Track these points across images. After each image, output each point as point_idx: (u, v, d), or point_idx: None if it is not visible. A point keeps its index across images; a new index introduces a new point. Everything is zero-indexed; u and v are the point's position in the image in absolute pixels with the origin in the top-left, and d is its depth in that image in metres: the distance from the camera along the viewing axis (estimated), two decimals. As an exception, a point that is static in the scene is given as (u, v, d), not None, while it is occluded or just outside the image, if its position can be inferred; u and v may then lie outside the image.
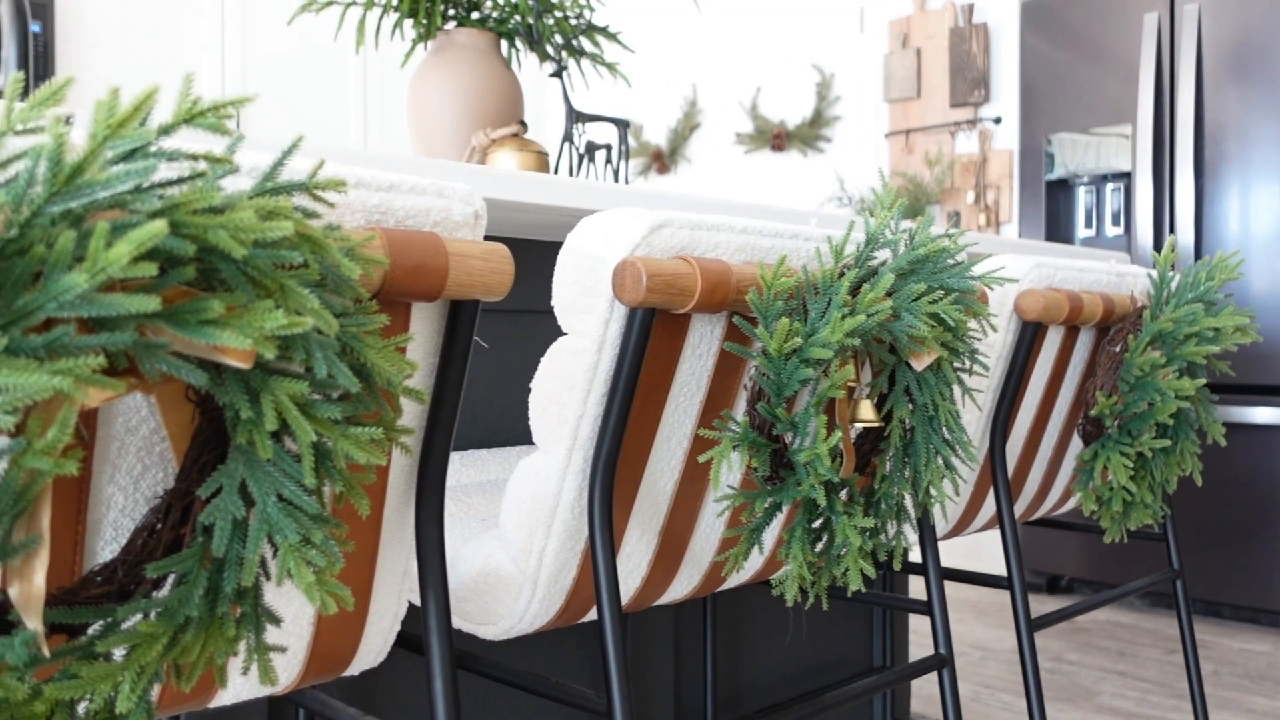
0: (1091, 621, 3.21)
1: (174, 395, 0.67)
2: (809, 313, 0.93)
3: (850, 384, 1.04)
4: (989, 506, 1.57)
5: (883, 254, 1.05)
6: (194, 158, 0.55)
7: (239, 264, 0.56)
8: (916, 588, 3.54)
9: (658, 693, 1.69)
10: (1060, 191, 3.61)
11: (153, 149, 0.53)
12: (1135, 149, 3.32)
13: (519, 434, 1.63)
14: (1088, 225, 3.57)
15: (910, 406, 1.06)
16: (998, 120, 4.07)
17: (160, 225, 0.49)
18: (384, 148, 4.62)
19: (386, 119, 4.64)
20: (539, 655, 1.53)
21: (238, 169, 0.59)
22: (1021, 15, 3.56)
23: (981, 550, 4.00)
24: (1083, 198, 3.58)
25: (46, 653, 0.57)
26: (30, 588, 0.56)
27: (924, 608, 1.32)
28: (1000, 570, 3.95)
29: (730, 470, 1.07)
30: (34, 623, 0.56)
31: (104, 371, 0.56)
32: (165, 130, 0.53)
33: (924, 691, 2.57)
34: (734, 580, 1.19)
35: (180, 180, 0.55)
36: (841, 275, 0.96)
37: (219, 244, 0.54)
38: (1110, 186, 3.50)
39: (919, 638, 3.01)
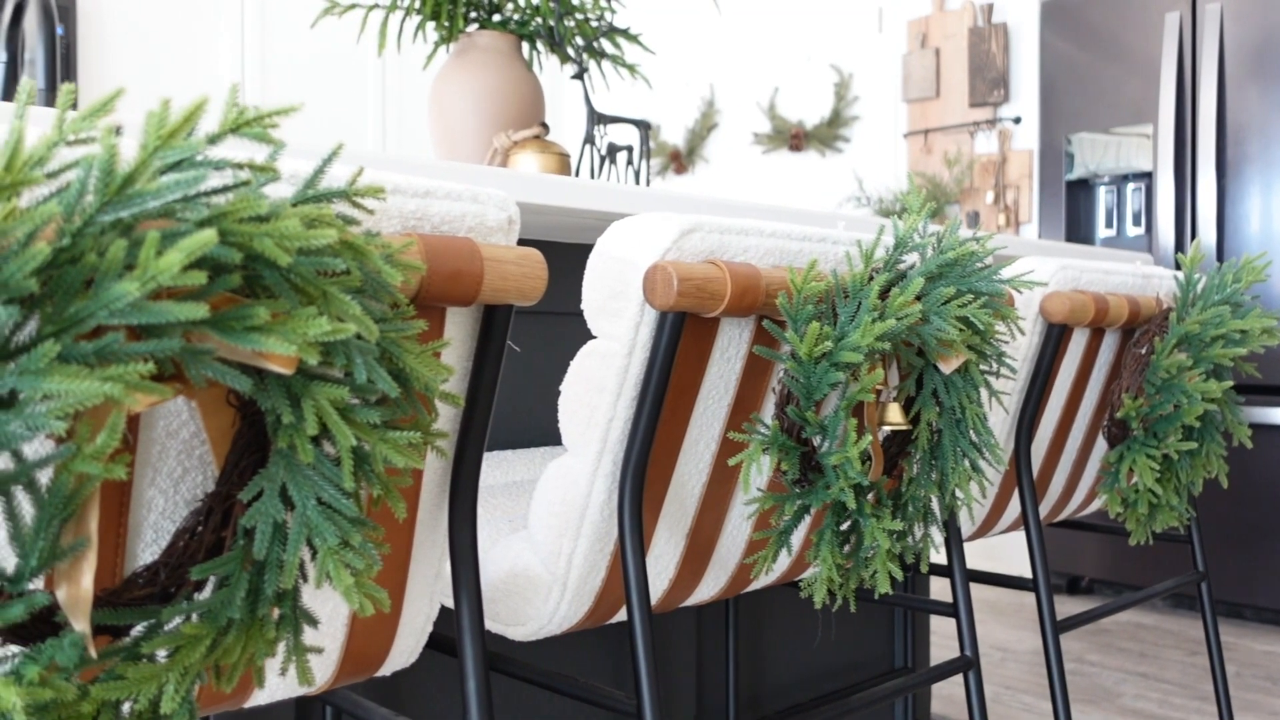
0: (1112, 623, 3.20)
1: (215, 400, 0.68)
2: (838, 316, 0.94)
3: (878, 387, 1.04)
4: (1013, 509, 1.57)
5: (910, 257, 1.05)
6: (239, 166, 0.56)
7: (283, 271, 0.57)
8: (937, 588, 3.54)
9: (680, 693, 1.69)
10: (1080, 191, 3.59)
11: (199, 158, 0.54)
12: (1156, 149, 3.31)
13: (541, 435, 1.63)
14: (1108, 225, 3.55)
15: (937, 409, 1.07)
16: (1017, 120, 4.06)
17: (210, 234, 0.49)
18: (401, 150, 4.64)
19: (404, 121, 4.66)
20: (553, 653, 1.54)
21: (280, 176, 0.60)
22: (1041, 15, 3.55)
23: (1000, 551, 3.99)
24: (1103, 198, 3.56)
25: (94, 654, 0.58)
26: (78, 590, 0.57)
27: (949, 609, 1.32)
28: (1018, 571, 3.93)
29: (760, 473, 1.07)
30: (81, 624, 0.57)
31: (150, 377, 0.56)
32: (212, 140, 0.53)
33: (944, 692, 2.57)
34: (760, 582, 1.19)
35: (225, 188, 0.56)
36: (871, 279, 0.96)
37: (264, 251, 0.55)
38: (1131, 186, 3.49)
39: (938, 638, 3.01)
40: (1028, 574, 3.91)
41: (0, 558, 0.64)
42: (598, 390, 0.94)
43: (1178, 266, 3.27)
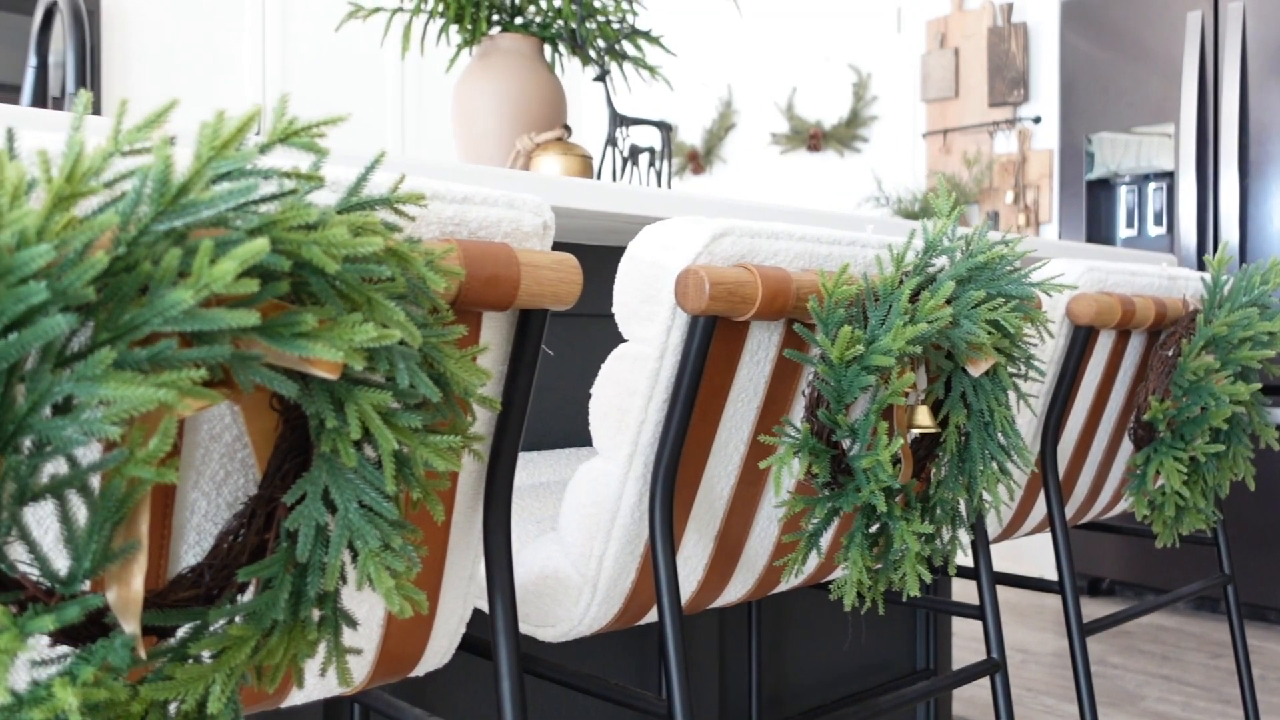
0: (1135, 625, 3.19)
1: (258, 404, 0.69)
2: (868, 320, 0.94)
3: (907, 390, 1.04)
4: (1038, 511, 1.57)
5: (939, 260, 1.06)
6: (287, 175, 0.57)
7: (329, 278, 0.58)
8: (958, 590, 3.53)
9: (703, 693, 1.70)
10: (1101, 191, 3.58)
11: (249, 167, 0.55)
12: (1178, 148, 3.29)
13: (565, 436, 1.64)
14: (1129, 225, 3.54)
15: (966, 412, 1.07)
16: (1037, 120, 4.05)
17: (262, 243, 0.50)
18: (421, 152, 4.66)
19: (423, 123, 4.68)
20: (575, 653, 1.54)
21: (324, 184, 0.61)
22: (1061, 14, 3.54)
23: (1021, 553, 3.98)
24: (1124, 197, 3.55)
25: (143, 655, 0.59)
26: (128, 592, 0.58)
27: (975, 612, 1.32)
28: (1036, 572, 3.92)
29: (790, 476, 1.07)
30: (132, 626, 0.58)
31: (200, 382, 0.57)
32: (262, 150, 0.54)
33: (965, 693, 2.57)
34: (786, 583, 1.20)
35: (273, 197, 0.57)
36: (901, 282, 0.96)
37: (313, 259, 0.55)
38: (1152, 186, 3.48)
39: (960, 639, 3.00)
40: (1046, 575, 3.90)
41: (50, 560, 0.65)
42: (629, 393, 0.95)
43: (1201, 267, 3.25)
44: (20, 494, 0.53)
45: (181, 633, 0.66)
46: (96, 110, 3.71)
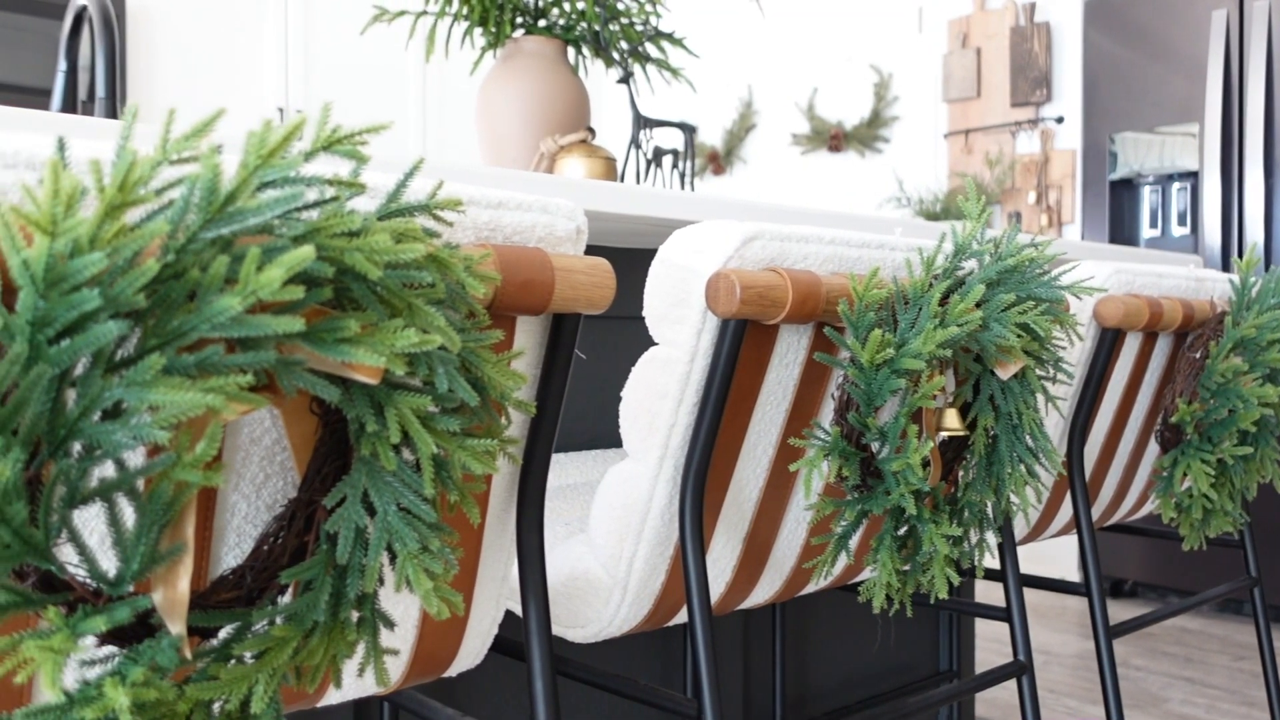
0: (1158, 627, 3.18)
1: (298, 408, 0.69)
2: (898, 323, 0.94)
3: (936, 393, 1.04)
4: (1063, 513, 1.57)
5: (969, 263, 1.06)
6: (330, 183, 0.58)
7: (371, 284, 0.59)
8: (981, 592, 3.52)
9: (727, 694, 1.70)
10: (1124, 191, 3.57)
11: (293, 174, 0.56)
12: (1203, 148, 3.28)
13: (590, 438, 1.65)
14: (1152, 225, 3.52)
15: (994, 415, 1.07)
16: (1060, 120, 4.03)
17: (309, 250, 0.51)
18: (443, 155, 4.68)
19: (444, 125, 4.69)
20: (601, 654, 1.55)
21: (365, 190, 0.62)
22: (1084, 13, 3.53)
23: (1041, 555, 3.97)
24: (1148, 197, 3.53)
25: (189, 655, 0.60)
26: (175, 593, 0.59)
27: (1001, 614, 1.32)
28: (1059, 573, 3.91)
29: (819, 478, 1.08)
30: (178, 627, 0.59)
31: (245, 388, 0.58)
32: (307, 157, 0.55)
33: (987, 694, 2.56)
34: (814, 585, 1.20)
35: (315, 204, 0.58)
36: (931, 286, 0.96)
37: (355, 266, 0.56)
38: (1175, 186, 3.46)
39: (980, 640, 3.00)
40: (1068, 576, 3.89)
41: (98, 561, 0.66)
42: (659, 396, 0.96)
43: (1226, 267, 3.23)
44: (70, 497, 0.54)
45: (223, 634, 0.67)
46: (115, 114, 3.74)
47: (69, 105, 1.85)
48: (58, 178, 0.46)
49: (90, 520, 0.67)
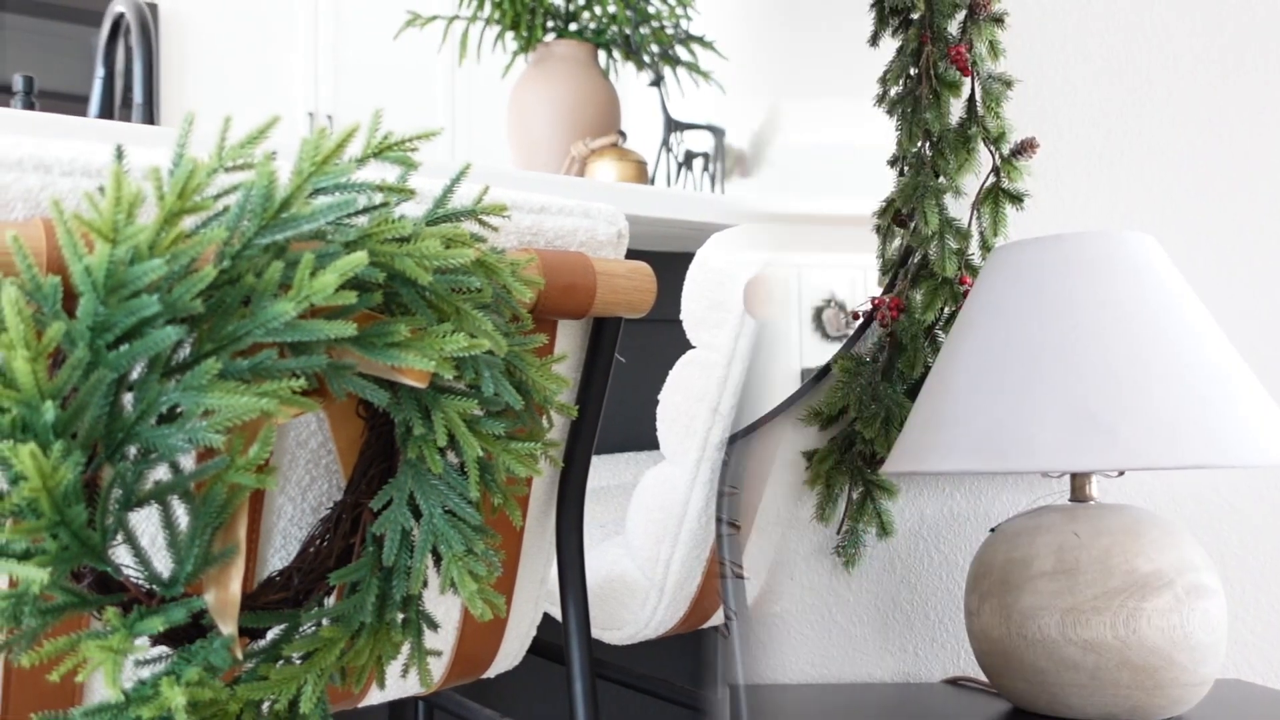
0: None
1: (345, 412, 0.70)
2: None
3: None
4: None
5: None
6: (380, 189, 0.58)
7: (420, 289, 0.59)
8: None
9: (761, 698, 1.70)
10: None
11: (344, 180, 0.56)
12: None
13: (622, 440, 1.65)
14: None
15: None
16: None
17: (361, 256, 0.52)
18: (472, 158, 4.70)
19: (474, 130, 4.72)
20: (632, 654, 1.55)
21: (414, 196, 0.62)
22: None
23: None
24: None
25: (240, 656, 0.60)
26: (226, 595, 0.60)
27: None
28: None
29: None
30: (229, 628, 0.60)
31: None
32: (358, 164, 0.56)
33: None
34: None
35: (365, 210, 0.58)
36: (969, 289, 0.96)
37: (406, 271, 0.57)
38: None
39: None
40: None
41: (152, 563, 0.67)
42: (697, 399, 0.96)
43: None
44: (126, 499, 0.55)
45: (271, 634, 0.67)
46: (153, 120, 3.78)
47: (106, 111, 1.87)
48: (120, 185, 0.47)
49: (140, 523, 0.68)
